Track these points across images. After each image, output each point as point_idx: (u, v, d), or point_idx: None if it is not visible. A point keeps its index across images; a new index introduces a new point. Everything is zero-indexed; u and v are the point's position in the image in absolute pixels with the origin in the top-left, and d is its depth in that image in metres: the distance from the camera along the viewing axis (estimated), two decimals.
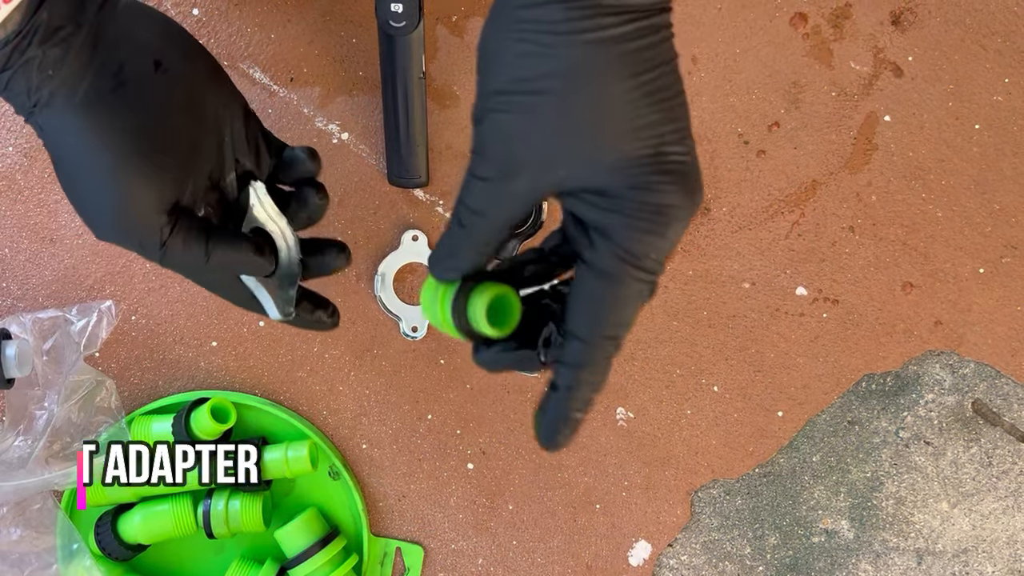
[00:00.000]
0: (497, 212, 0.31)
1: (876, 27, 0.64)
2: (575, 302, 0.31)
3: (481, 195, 0.31)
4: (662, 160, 0.29)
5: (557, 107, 0.29)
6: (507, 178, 0.30)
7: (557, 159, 0.29)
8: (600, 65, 0.28)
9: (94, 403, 0.58)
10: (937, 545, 0.63)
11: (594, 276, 0.31)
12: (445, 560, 0.63)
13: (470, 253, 0.33)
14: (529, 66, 0.29)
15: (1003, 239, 0.64)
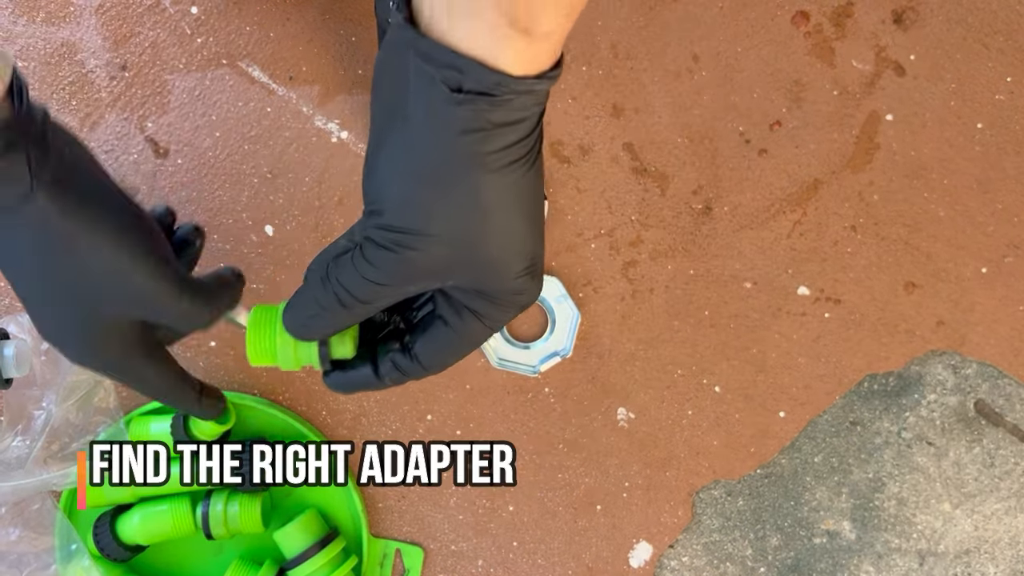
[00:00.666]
0: (384, 303, 0.36)
1: (878, 26, 0.64)
2: (431, 345, 0.39)
3: (371, 293, 0.35)
4: (532, 268, 0.35)
5: (459, 245, 0.33)
6: (401, 286, 0.35)
7: (452, 276, 0.34)
8: (500, 209, 0.32)
9: (92, 403, 0.58)
10: (939, 546, 0.63)
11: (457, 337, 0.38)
12: (445, 562, 0.63)
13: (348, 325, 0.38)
14: (435, 213, 0.32)
15: (1006, 238, 0.63)
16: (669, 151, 0.64)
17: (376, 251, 0.34)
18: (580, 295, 0.63)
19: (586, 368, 0.63)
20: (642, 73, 0.64)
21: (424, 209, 0.32)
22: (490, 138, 0.30)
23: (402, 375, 0.40)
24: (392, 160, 0.32)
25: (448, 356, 0.39)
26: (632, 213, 0.64)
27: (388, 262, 0.34)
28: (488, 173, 0.31)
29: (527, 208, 0.33)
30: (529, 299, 0.36)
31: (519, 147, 0.31)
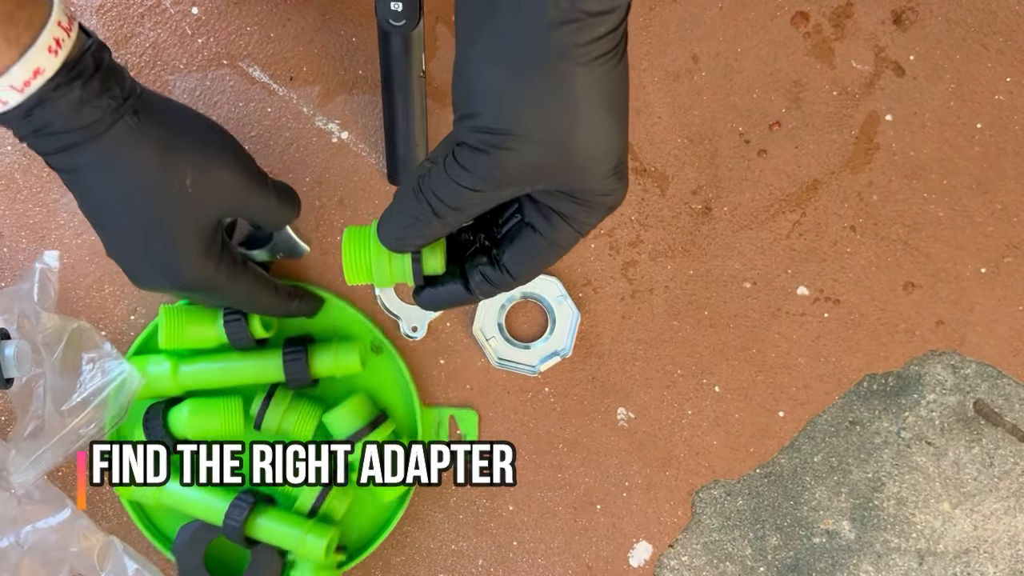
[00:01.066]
0: (477, 210, 0.36)
1: (877, 26, 0.64)
2: (520, 253, 0.38)
3: (465, 199, 0.35)
4: (619, 169, 0.35)
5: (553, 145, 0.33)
6: (495, 190, 0.35)
7: (546, 178, 0.34)
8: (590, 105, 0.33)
9: (80, 350, 0.57)
10: (939, 546, 0.63)
11: (547, 244, 0.38)
12: (445, 561, 0.63)
13: (441, 235, 0.38)
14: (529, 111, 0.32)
15: (1005, 239, 0.63)
16: (669, 151, 0.64)
17: (471, 155, 0.33)
18: (580, 295, 0.63)
19: (586, 368, 0.63)
20: (642, 73, 0.64)
21: (519, 107, 0.32)
22: (583, 29, 0.30)
23: (492, 287, 0.40)
24: (485, 58, 0.32)
25: (537, 263, 0.39)
26: (632, 213, 0.64)
27: (483, 166, 0.33)
28: (580, 66, 0.31)
29: (615, 104, 0.34)
30: (616, 200, 0.36)
31: (609, 39, 0.31)
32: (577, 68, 0.31)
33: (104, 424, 0.56)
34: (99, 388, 0.55)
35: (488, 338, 0.62)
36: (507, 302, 0.63)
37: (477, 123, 0.33)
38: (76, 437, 0.55)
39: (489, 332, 0.62)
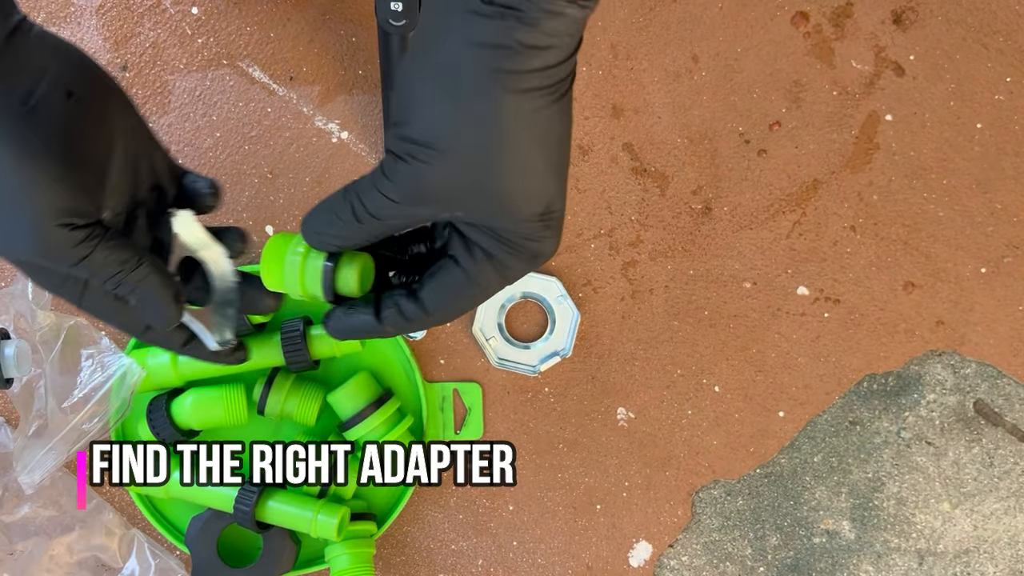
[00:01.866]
0: (394, 223, 0.35)
1: (877, 26, 0.64)
2: (438, 287, 0.37)
3: (383, 208, 0.35)
4: (548, 216, 0.34)
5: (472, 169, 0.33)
6: (412, 206, 0.34)
7: (463, 204, 0.34)
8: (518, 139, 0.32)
9: (78, 347, 0.57)
10: (938, 546, 0.63)
11: (466, 280, 0.36)
12: (445, 561, 0.63)
13: (358, 240, 0.37)
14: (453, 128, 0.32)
15: (1005, 239, 0.63)
16: (669, 151, 0.64)
17: (392, 163, 0.33)
18: (580, 295, 0.63)
19: (586, 368, 0.63)
20: (642, 73, 0.64)
21: (444, 122, 0.32)
22: (514, 57, 0.30)
23: (404, 320, 0.38)
24: (420, 70, 0.32)
25: (455, 300, 0.37)
26: (632, 213, 0.64)
27: (401, 175, 0.33)
28: (508, 93, 0.31)
29: (546, 145, 0.33)
30: (543, 250, 0.36)
31: (544, 75, 0.31)
32: (506, 95, 0.31)
33: (108, 418, 0.56)
34: (100, 383, 0.55)
35: (488, 338, 0.62)
36: (507, 302, 0.63)
37: (403, 132, 0.33)
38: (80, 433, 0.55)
39: (489, 332, 0.62)
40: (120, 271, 0.38)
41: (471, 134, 0.32)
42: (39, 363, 0.56)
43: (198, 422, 0.57)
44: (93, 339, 0.57)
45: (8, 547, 0.58)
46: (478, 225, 0.35)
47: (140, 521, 0.61)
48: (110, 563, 0.60)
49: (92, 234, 0.37)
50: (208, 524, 0.58)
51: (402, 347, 0.61)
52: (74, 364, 0.56)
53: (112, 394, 0.56)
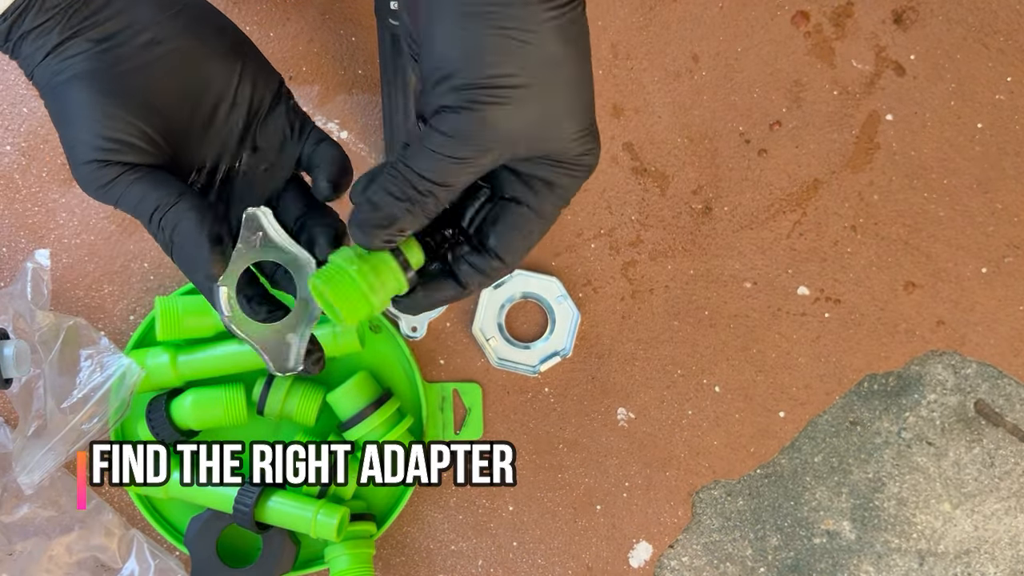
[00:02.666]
0: (461, 182, 0.34)
1: (878, 25, 0.64)
2: (507, 231, 0.37)
3: (448, 171, 0.34)
4: (593, 129, 0.35)
5: (536, 98, 0.33)
6: (478, 157, 0.33)
7: (526, 138, 0.34)
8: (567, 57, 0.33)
9: (77, 347, 0.57)
10: (939, 546, 0.63)
11: (534, 216, 0.36)
12: (445, 561, 0.63)
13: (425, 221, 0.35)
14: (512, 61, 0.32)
15: (1006, 239, 0.63)
16: (669, 151, 0.64)
17: (453, 118, 0.33)
18: (580, 295, 0.63)
19: (586, 368, 0.63)
20: (642, 73, 0.64)
21: (497, 54, 0.32)
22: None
23: (483, 275, 0.37)
24: (451, 22, 0.32)
25: (525, 239, 0.37)
26: (632, 213, 0.64)
27: (466, 125, 0.33)
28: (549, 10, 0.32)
29: (586, 57, 0.34)
30: (593, 161, 0.36)
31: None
32: (546, 13, 0.32)
33: (108, 419, 0.56)
34: (99, 383, 0.55)
35: (488, 338, 0.62)
36: (507, 302, 0.63)
37: (456, 82, 0.32)
38: (79, 434, 0.55)
39: (489, 332, 0.62)
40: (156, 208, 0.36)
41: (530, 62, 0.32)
42: (38, 363, 0.56)
43: (197, 422, 0.57)
44: (92, 339, 0.57)
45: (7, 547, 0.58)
46: (535, 158, 0.35)
47: (140, 521, 0.61)
48: (109, 563, 0.60)
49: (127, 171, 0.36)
50: (208, 524, 0.58)
51: (402, 347, 0.61)
52: (73, 364, 0.56)
53: (111, 394, 0.56)
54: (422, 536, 0.63)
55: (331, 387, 0.59)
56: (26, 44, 0.36)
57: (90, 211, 0.62)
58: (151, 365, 0.58)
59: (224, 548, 0.59)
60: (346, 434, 0.58)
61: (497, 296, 0.62)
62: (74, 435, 0.55)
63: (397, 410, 0.59)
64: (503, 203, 0.37)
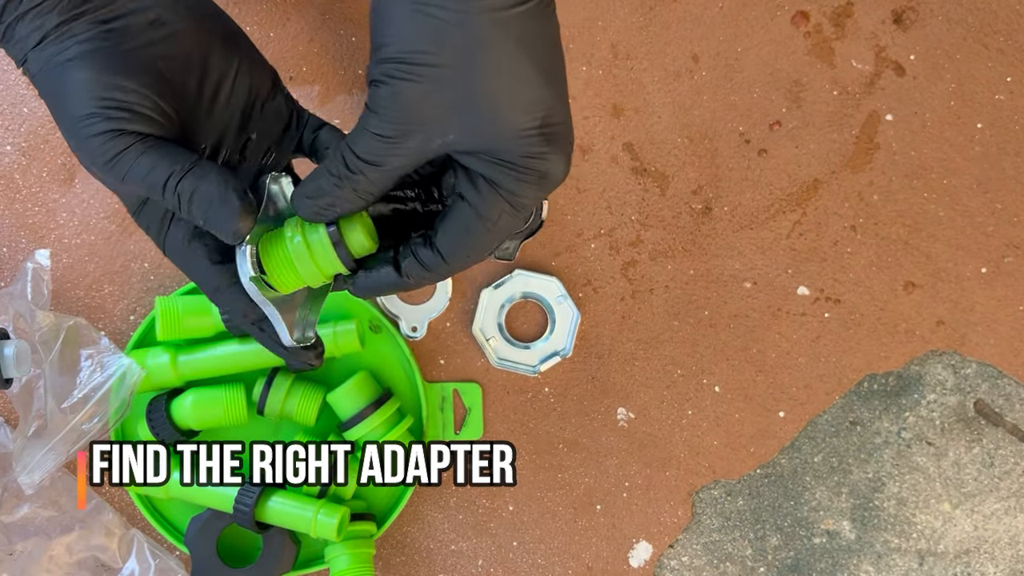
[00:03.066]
0: (389, 163, 0.34)
1: (878, 26, 0.64)
2: (451, 229, 0.36)
3: (375, 148, 0.33)
4: (546, 130, 0.33)
5: (453, 79, 0.32)
6: (401, 136, 0.33)
7: (451, 125, 0.32)
8: (496, 42, 0.31)
9: (77, 347, 0.57)
10: (939, 546, 0.63)
11: (475, 216, 0.35)
12: (445, 561, 0.63)
13: (358, 199, 0.35)
14: (428, 38, 0.31)
15: (1005, 239, 0.63)
16: (669, 151, 0.64)
17: (375, 92, 0.32)
18: (580, 295, 0.63)
19: (586, 368, 0.63)
20: (642, 73, 0.64)
21: (418, 33, 0.31)
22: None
23: (424, 269, 0.37)
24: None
25: (467, 239, 0.36)
26: (632, 213, 0.64)
27: (384, 100, 0.32)
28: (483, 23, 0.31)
29: (532, 49, 0.32)
30: (549, 169, 0.33)
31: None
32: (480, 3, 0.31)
33: (108, 419, 0.56)
34: (99, 383, 0.55)
35: (488, 338, 0.62)
36: (507, 302, 0.63)
37: (382, 54, 0.32)
38: (80, 434, 0.55)
39: (489, 332, 0.62)
40: (171, 175, 0.35)
41: (448, 41, 0.31)
42: (38, 363, 0.56)
43: (198, 422, 0.57)
44: (93, 339, 0.57)
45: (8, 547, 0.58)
46: (476, 152, 0.34)
47: (140, 521, 0.61)
48: (110, 563, 0.60)
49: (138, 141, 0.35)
50: (208, 524, 0.58)
51: (402, 347, 0.61)
52: (73, 364, 0.56)
53: (112, 394, 0.56)
54: (422, 536, 0.63)
55: (331, 387, 0.59)
56: (21, 26, 0.35)
57: (90, 211, 0.62)
58: (151, 365, 0.58)
59: (224, 548, 0.59)
60: (346, 434, 0.58)
61: (497, 296, 0.62)
62: (74, 435, 0.55)
63: (397, 410, 0.59)
64: (454, 199, 0.36)
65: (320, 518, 0.55)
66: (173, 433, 0.57)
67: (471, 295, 0.63)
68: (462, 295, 0.63)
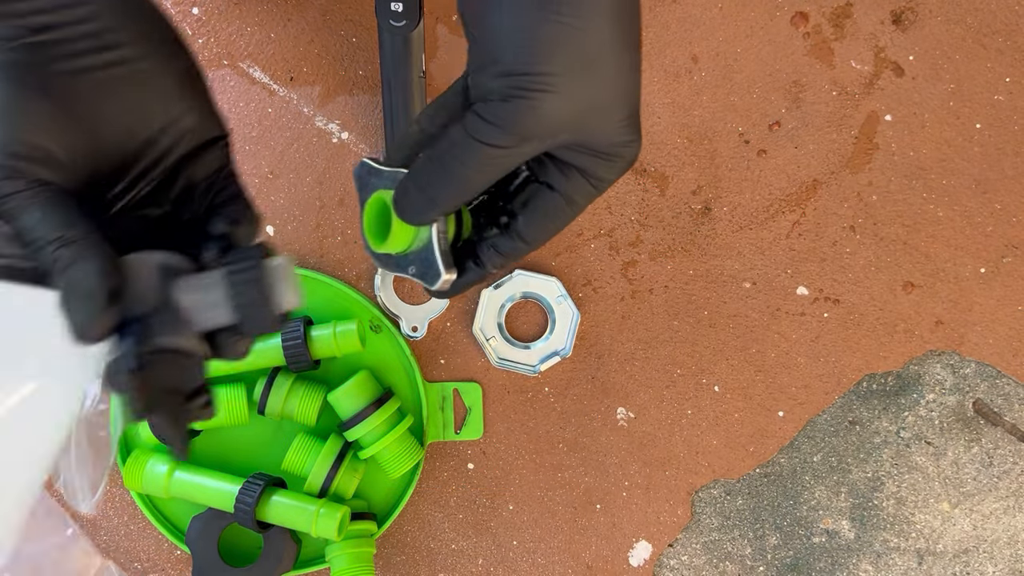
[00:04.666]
0: (501, 172, 0.34)
1: (877, 26, 0.64)
2: (535, 215, 0.36)
3: (490, 159, 0.33)
4: (633, 119, 0.34)
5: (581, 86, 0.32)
6: (521, 145, 0.33)
7: (570, 127, 0.33)
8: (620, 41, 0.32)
9: None
10: (938, 545, 0.63)
11: (564, 203, 0.36)
12: (445, 560, 0.63)
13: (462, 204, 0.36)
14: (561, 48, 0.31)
15: (1004, 239, 0.64)
16: (669, 151, 0.64)
17: (497, 106, 0.32)
18: (580, 295, 0.63)
19: (586, 368, 0.63)
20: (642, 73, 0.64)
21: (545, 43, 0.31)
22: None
23: (504, 258, 0.38)
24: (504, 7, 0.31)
25: (552, 224, 0.37)
26: (632, 213, 0.64)
27: (511, 114, 0.31)
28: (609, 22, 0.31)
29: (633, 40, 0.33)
30: (634, 153, 0.35)
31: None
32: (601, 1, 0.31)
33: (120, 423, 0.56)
34: None
35: (488, 338, 0.63)
36: (507, 302, 0.63)
37: (501, 68, 0.31)
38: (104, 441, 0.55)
39: (489, 332, 0.63)
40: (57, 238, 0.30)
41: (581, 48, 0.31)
42: None
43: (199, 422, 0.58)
44: None
45: None
46: (572, 145, 0.34)
47: (140, 520, 0.62)
48: None
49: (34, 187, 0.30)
50: (208, 524, 0.58)
51: (402, 347, 0.61)
52: None
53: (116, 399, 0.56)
54: (423, 535, 0.63)
55: (332, 387, 0.59)
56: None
57: None
58: None
59: (225, 547, 0.59)
60: (347, 434, 0.58)
61: (497, 296, 0.62)
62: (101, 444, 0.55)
63: (397, 410, 0.59)
64: (536, 187, 0.37)
65: (321, 517, 0.56)
66: None
67: (471, 295, 0.63)
68: (462, 295, 0.63)
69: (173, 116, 0.33)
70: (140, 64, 0.32)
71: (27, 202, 0.30)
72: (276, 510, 0.57)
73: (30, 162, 0.30)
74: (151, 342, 0.30)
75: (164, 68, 0.33)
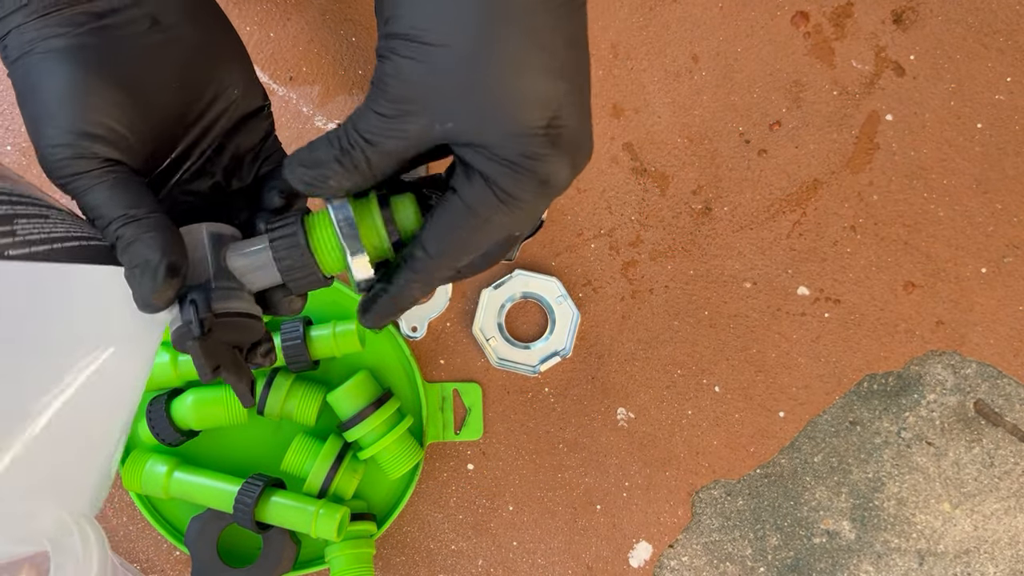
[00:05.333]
0: (386, 145, 0.32)
1: (878, 26, 0.64)
2: (436, 223, 0.33)
3: (374, 126, 0.31)
4: (554, 131, 0.30)
5: (460, 63, 0.29)
6: (401, 116, 0.31)
7: (452, 113, 0.30)
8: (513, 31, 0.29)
9: None
10: (939, 546, 0.63)
11: (464, 209, 0.32)
12: (445, 561, 0.63)
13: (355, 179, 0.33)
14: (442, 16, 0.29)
15: (1005, 239, 0.63)
16: (669, 151, 0.64)
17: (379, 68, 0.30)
18: (580, 295, 0.63)
19: (586, 368, 0.63)
20: (642, 73, 0.64)
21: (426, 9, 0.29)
22: None
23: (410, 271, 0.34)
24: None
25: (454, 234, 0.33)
26: (632, 213, 0.64)
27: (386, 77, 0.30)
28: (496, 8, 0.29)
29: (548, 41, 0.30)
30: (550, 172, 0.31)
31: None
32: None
33: None
34: None
35: (488, 338, 0.62)
36: (507, 302, 0.63)
37: (389, 28, 0.30)
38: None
39: (489, 332, 0.62)
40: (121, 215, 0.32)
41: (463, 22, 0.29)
42: None
43: (198, 422, 0.57)
44: None
45: None
46: (475, 145, 0.31)
47: (140, 521, 0.61)
48: None
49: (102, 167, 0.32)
50: (208, 524, 0.58)
51: (402, 347, 0.61)
52: None
53: None
54: (422, 536, 0.63)
55: (331, 387, 0.59)
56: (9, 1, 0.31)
57: None
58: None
59: (224, 548, 0.59)
60: (346, 434, 0.58)
61: (497, 296, 0.62)
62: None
63: (397, 410, 0.59)
64: (447, 193, 0.34)
65: (320, 518, 0.56)
66: (173, 433, 0.57)
67: (471, 295, 0.63)
68: (462, 295, 0.63)
69: (223, 88, 0.35)
70: (192, 41, 0.34)
71: (95, 181, 0.32)
72: (275, 511, 0.56)
73: (98, 141, 0.32)
74: (211, 308, 0.33)
75: (213, 42, 0.35)
